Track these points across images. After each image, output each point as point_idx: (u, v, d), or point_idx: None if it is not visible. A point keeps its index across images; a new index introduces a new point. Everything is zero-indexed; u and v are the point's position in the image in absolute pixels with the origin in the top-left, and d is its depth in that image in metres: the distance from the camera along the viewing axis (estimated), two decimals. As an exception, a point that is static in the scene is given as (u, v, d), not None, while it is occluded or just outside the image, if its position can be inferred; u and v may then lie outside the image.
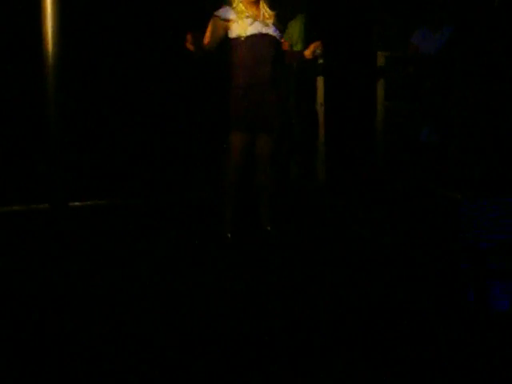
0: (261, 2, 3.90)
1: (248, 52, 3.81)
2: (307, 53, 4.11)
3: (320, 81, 5.17)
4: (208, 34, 3.81)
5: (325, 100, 5.26)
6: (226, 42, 3.85)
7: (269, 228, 3.98)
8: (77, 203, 4.63)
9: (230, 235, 3.92)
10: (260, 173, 3.97)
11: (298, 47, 5.30)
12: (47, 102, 4.40)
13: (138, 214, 4.72)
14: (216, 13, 3.84)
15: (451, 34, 5.60)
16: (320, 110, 5.21)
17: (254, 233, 4.02)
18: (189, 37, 3.62)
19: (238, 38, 3.82)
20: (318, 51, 4.08)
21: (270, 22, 3.89)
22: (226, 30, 3.83)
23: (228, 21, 3.82)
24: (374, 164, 5.52)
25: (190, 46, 3.65)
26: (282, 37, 4.07)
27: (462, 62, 5.42)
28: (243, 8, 3.86)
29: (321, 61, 5.13)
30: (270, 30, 3.88)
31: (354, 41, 5.93)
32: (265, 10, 3.91)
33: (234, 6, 3.86)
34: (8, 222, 4.34)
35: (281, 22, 4.09)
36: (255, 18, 3.85)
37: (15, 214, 4.46)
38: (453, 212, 4.09)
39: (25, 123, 4.77)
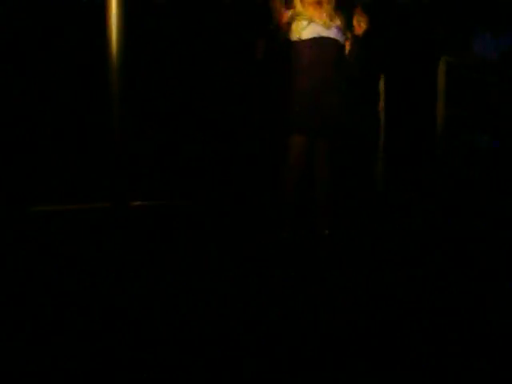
0: (325, 4, 3.83)
1: (306, 55, 3.75)
2: (356, 29, 3.83)
3: (382, 85, 5.11)
4: (275, 14, 3.77)
5: (385, 105, 5.20)
6: (288, 45, 3.83)
7: (326, 232, 3.94)
8: (138, 203, 4.67)
9: (286, 236, 3.91)
10: (319, 178, 3.94)
11: None
12: (110, 100, 4.50)
13: (196, 215, 4.76)
14: None
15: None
16: (381, 114, 5.14)
17: (311, 237, 4.00)
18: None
19: (295, 41, 3.78)
20: (362, 23, 3.79)
21: (333, 24, 3.82)
22: (285, 11, 3.79)
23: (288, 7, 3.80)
24: (433, 171, 5.44)
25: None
26: (346, 39, 3.91)
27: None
28: (301, 9, 3.81)
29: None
30: (332, 33, 3.80)
31: (416, 46, 5.87)
32: (329, 13, 3.84)
33: (293, 5, 3.81)
34: (69, 220, 4.42)
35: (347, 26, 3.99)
36: (312, 20, 3.77)
37: (77, 212, 4.53)
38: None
39: (87, 122, 4.85)
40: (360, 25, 3.79)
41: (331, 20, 3.82)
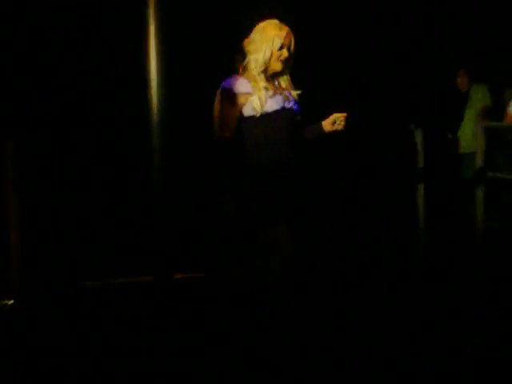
0: (284, 76, 3.23)
1: (266, 129, 3.12)
2: (325, 124, 3.32)
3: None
4: (225, 120, 3.08)
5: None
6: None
7: None
8: (180, 275, 4.59)
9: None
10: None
11: None
12: (152, 166, 4.43)
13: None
14: (230, 86, 3.08)
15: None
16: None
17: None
18: None
19: (254, 115, 3.11)
20: (339, 125, 3.30)
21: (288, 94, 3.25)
22: (242, 106, 3.13)
23: (246, 94, 3.11)
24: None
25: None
26: (298, 110, 3.28)
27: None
28: (263, 79, 3.16)
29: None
30: (291, 104, 3.22)
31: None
32: (286, 84, 3.25)
33: (253, 75, 3.14)
34: (114, 294, 4.39)
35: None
36: (275, 91, 3.17)
37: (121, 286, 4.51)
38: None
39: (130, 192, 4.85)
40: (334, 125, 3.31)
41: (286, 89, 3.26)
